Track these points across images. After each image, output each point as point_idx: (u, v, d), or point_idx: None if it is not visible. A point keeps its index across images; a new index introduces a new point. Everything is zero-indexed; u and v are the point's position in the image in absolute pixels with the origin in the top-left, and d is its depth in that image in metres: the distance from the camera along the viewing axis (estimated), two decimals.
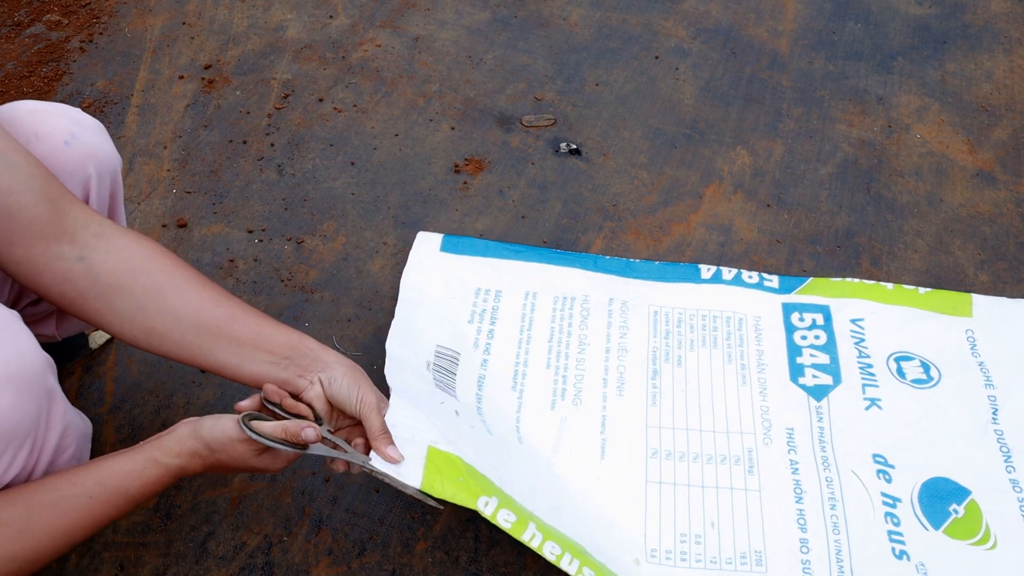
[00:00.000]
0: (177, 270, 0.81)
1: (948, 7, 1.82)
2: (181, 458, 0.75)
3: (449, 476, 0.82)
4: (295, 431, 0.77)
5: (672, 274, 1.25)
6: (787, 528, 0.96)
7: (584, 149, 1.48)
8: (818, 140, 1.52)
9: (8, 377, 0.68)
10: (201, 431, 0.76)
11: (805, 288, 1.23)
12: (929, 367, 1.12)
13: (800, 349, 1.14)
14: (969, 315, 1.19)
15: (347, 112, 1.53)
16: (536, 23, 1.74)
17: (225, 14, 1.72)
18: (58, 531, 0.70)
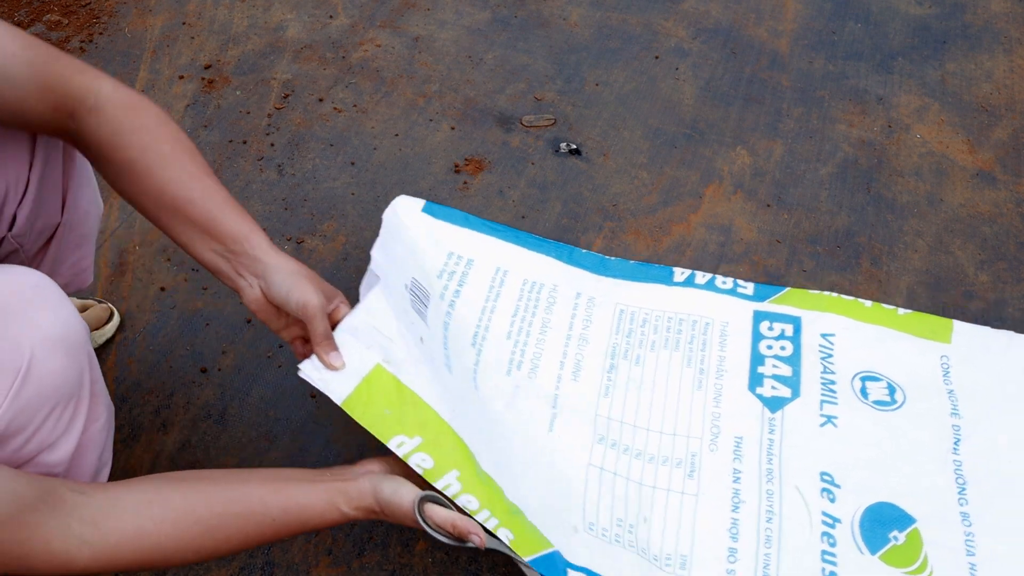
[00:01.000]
0: (158, 143, 0.81)
1: (948, 7, 1.82)
2: (359, 512, 0.78)
3: (376, 403, 0.80)
4: (463, 531, 0.77)
5: (645, 275, 1.24)
6: (718, 536, 0.95)
7: (584, 149, 1.48)
8: (818, 140, 1.52)
9: (59, 339, 0.73)
10: (381, 493, 0.78)
11: (780, 298, 1.21)
12: (895, 389, 1.10)
13: (763, 359, 1.13)
14: (947, 341, 1.16)
15: (347, 112, 1.53)
16: (536, 23, 1.74)
17: (225, 14, 1.72)
18: (238, 540, 0.75)
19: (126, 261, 1.27)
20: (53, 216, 0.94)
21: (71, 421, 0.79)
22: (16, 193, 0.87)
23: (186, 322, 1.20)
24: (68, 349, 0.75)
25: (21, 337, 0.72)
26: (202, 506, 0.73)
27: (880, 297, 1.27)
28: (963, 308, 1.27)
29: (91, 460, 0.87)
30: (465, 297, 1.14)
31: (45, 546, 0.65)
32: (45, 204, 0.92)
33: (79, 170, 0.96)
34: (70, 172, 0.94)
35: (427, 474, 0.79)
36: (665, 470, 1.01)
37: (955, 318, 1.25)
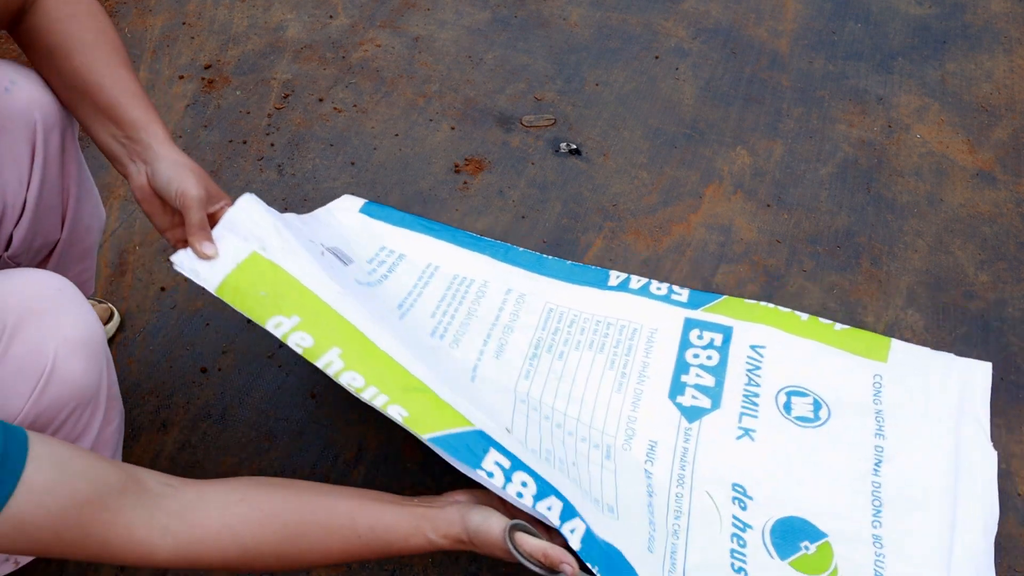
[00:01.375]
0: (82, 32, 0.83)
1: (948, 7, 1.82)
2: (447, 540, 0.77)
3: (251, 288, 0.78)
4: (555, 560, 0.76)
5: (580, 277, 1.23)
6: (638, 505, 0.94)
7: (584, 149, 1.48)
8: (818, 140, 1.52)
9: (81, 342, 0.75)
10: (469, 524, 0.77)
11: (714, 306, 1.19)
12: (821, 406, 1.08)
13: (688, 367, 1.11)
14: (883, 360, 1.14)
15: (347, 112, 1.53)
16: (536, 23, 1.74)
17: (225, 14, 1.72)
18: (320, 552, 0.74)
19: (126, 261, 1.27)
20: (52, 233, 0.94)
21: (88, 423, 0.80)
22: (13, 213, 0.87)
23: (186, 322, 1.20)
24: (89, 352, 0.76)
25: (45, 340, 0.73)
26: (289, 511, 0.72)
27: (881, 297, 1.27)
28: (963, 308, 1.27)
29: None
30: (391, 280, 1.10)
31: (128, 532, 0.64)
32: (43, 222, 0.91)
33: (80, 185, 0.95)
34: (70, 188, 0.94)
35: (307, 353, 0.76)
36: (584, 446, 0.99)
37: (955, 318, 1.26)
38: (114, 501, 0.64)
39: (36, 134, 0.87)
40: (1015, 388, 1.18)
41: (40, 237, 0.93)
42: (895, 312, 1.26)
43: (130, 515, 0.65)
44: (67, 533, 0.62)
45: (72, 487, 0.62)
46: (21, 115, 0.84)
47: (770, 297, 1.27)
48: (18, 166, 0.85)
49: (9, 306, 0.74)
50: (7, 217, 0.87)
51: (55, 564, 0.95)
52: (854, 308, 1.26)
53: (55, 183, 0.91)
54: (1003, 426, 1.13)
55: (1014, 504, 1.06)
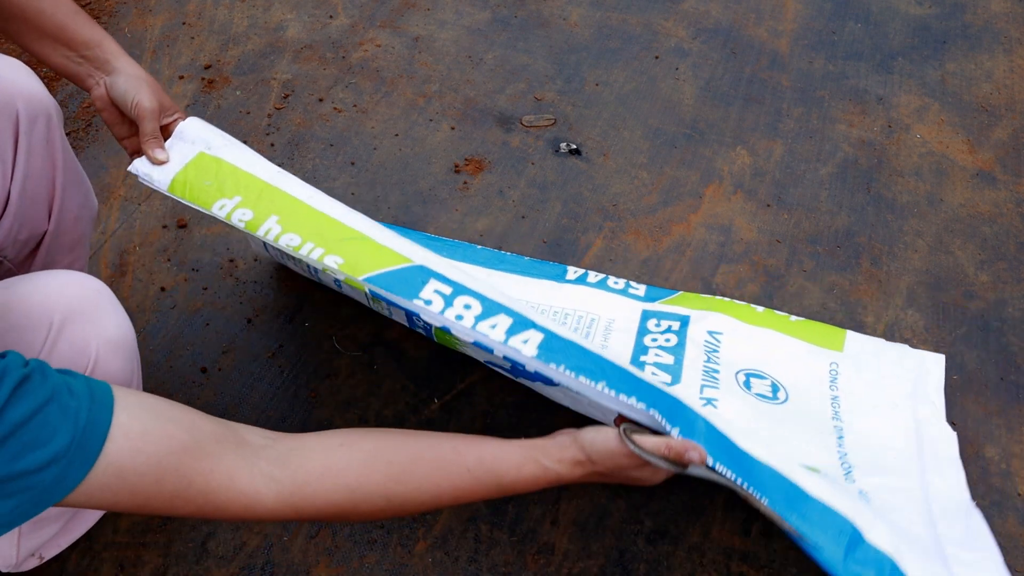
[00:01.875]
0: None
1: (948, 7, 1.82)
2: (562, 465, 0.74)
3: (197, 180, 0.85)
4: (680, 450, 0.74)
5: (538, 271, 1.23)
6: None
7: (584, 149, 1.48)
8: (818, 140, 1.52)
9: (119, 343, 0.78)
10: (583, 440, 0.74)
11: (671, 299, 1.20)
12: (779, 388, 1.08)
13: (646, 349, 1.11)
14: (839, 349, 1.15)
15: (347, 112, 1.53)
16: (536, 23, 1.74)
17: (225, 14, 1.72)
18: (430, 489, 0.70)
19: (126, 261, 1.27)
20: (39, 225, 0.94)
21: None
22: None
23: (186, 322, 1.20)
24: (126, 353, 0.80)
25: (88, 340, 0.77)
26: (392, 450, 0.70)
27: (881, 297, 1.27)
28: (963, 308, 1.27)
29: None
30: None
31: (230, 481, 0.62)
32: (29, 214, 0.91)
33: (68, 175, 0.95)
34: (56, 178, 0.94)
35: (248, 225, 0.82)
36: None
37: (955, 318, 1.26)
38: (213, 448, 0.62)
39: (19, 125, 0.87)
40: (1015, 388, 1.18)
41: (26, 229, 0.92)
42: (895, 312, 1.26)
43: (231, 464, 0.63)
44: (168, 481, 0.60)
45: (167, 432, 0.60)
46: (2, 107, 0.85)
47: (770, 297, 1.27)
48: (0, 158, 0.86)
49: (56, 305, 0.77)
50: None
51: (55, 563, 0.95)
52: (854, 308, 1.26)
53: (41, 174, 0.91)
54: (1003, 426, 1.13)
55: (1014, 504, 1.06)
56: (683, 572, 0.99)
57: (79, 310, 0.77)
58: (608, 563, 0.99)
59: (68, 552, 0.95)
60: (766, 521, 1.03)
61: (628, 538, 1.01)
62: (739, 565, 1.00)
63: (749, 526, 1.03)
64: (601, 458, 0.74)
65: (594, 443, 0.74)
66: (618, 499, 1.05)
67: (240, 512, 0.64)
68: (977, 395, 1.17)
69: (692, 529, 1.02)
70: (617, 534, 1.02)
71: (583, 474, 0.75)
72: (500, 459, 0.73)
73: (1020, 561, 1.01)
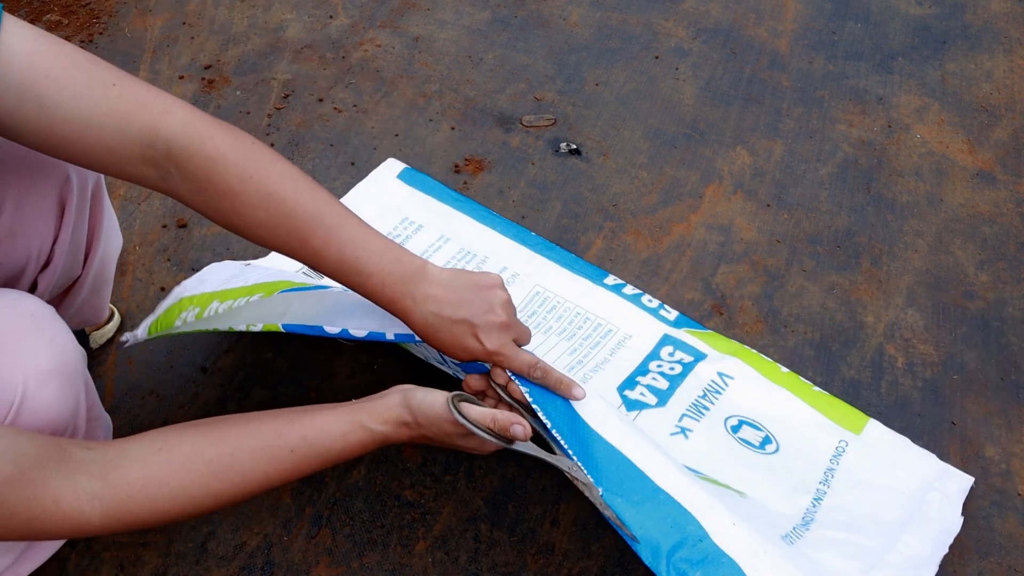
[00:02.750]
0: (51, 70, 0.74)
1: (948, 7, 1.82)
2: (388, 425, 0.74)
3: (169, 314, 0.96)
4: (504, 424, 0.73)
5: (580, 268, 1.24)
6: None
7: (584, 149, 1.48)
8: (818, 140, 1.52)
9: (53, 371, 0.72)
10: (411, 401, 0.74)
11: (698, 332, 1.16)
12: (770, 441, 1.04)
13: (647, 372, 1.09)
14: (856, 432, 1.06)
15: (347, 112, 1.53)
16: (536, 23, 1.74)
17: (225, 14, 1.72)
18: (256, 478, 0.71)
19: (126, 261, 1.27)
20: (74, 271, 0.95)
21: None
22: (39, 260, 0.87)
23: None
24: (63, 380, 0.73)
25: (14, 371, 0.71)
26: (212, 448, 0.70)
27: (881, 297, 1.27)
28: (963, 308, 1.27)
29: None
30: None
31: (55, 505, 0.62)
32: (67, 265, 0.92)
33: (106, 223, 0.96)
34: (95, 230, 0.94)
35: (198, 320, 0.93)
36: None
37: (955, 318, 1.26)
38: (35, 474, 0.62)
39: (68, 190, 0.86)
40: (1015, 388, 1.18)
41: (64, 278, 0.93)
42: (895, 312, 1.26)
43: (54, 487, 0.62)
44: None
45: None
46: (52, 172, 0.84)
47: (770, 297, 1.27)
48: (45, 219, 0.85)
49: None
50: (31, 264, 0.87)
51: (55, 563, 0.95)
52: (854, 308, 1.26)
53: (82, 229, 0.91)
54: (1003, 426, 1.13)
55: (1014, 504, 1.06)
56: None
57: (5, 338, 0.71)
58: (608, 563, 0.99)
59: (68, 552, 0.95)
60: None
61: None
62: None
63: None
64: (427, 421, 0.74)
65: (422, 406, 0.74)
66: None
67: (68, 533, 0.64)
68: (977, 395, 1.17)
69: None
70: (617, 534, 1.01)
71: (410, 435, 0.75)
72: (324, 432, 0.73)
73: (1020, 561, 1.01)
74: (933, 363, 1.20)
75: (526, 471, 1.06)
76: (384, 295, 0.75)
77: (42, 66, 0.66)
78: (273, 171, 0.73)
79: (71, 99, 0.67)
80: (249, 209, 0.73)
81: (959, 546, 1.01)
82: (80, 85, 0.68)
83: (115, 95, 0.69)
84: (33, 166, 0.82)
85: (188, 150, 0.70)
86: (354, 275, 0.75)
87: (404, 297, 0.75)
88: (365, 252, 0.75)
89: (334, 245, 0.74)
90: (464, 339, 0.75)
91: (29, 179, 0.82)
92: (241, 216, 0.73)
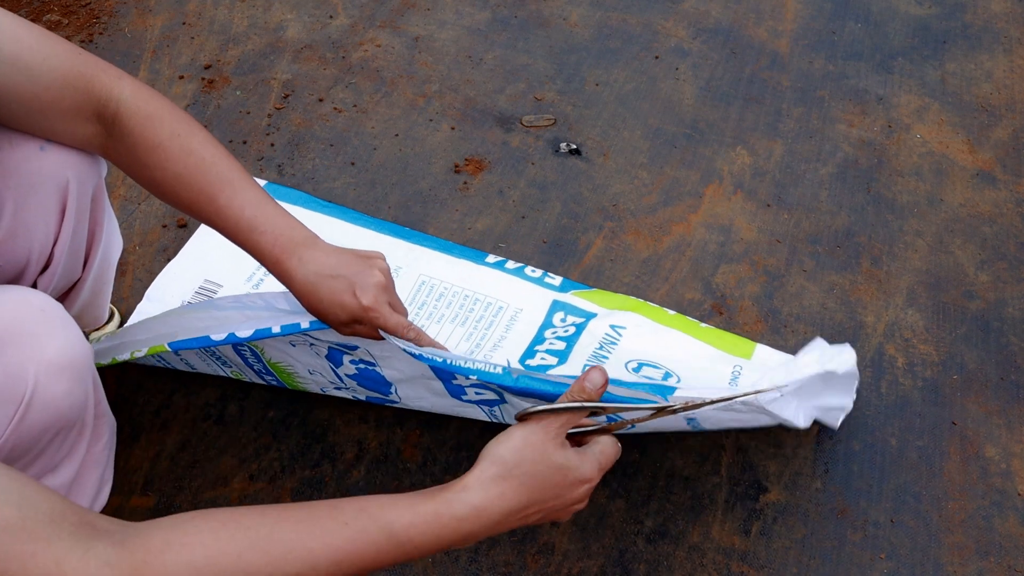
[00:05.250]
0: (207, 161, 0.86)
1: (948, 7, 1.82)
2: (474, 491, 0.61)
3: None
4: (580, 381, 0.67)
5: (460, 252, 1.25)
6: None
7: (584, 149, 1.48)
8: (818, 140, 1.52)
9: (63, 365, 0.73)
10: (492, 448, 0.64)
11: (584, 293, 1.18)
12: (671, 376, 1.05)
13: (544, 340, 1.12)
14: (748, 357, 1.11)
15: (347, 112, 1.53)
16: (536, 23, 1.74)
17: (225, 14, 1.72)
18: (301, 555, 0.57)
19: (126, 261, 1.27)
20: (74, 274, 0.95)
21: (75, 444, 0.79)
22: (38, 263, 0.88)
23: None
24: (73, 375, 0.74)
25: (25, 365, 0.71)
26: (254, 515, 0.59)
27: (881, 297, 1.27)
28: (963, 308, 1.27)
29: (93, 479, 0.88)
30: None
31: (56, 567, 0.52)
32: (67, 267, 0.92)
33: (106, 226, 0.97)
34: (96, 233, 0.95)
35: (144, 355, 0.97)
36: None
37: (955, 318, 1.26)
38: (43, 530, 0.53)
39: (68, 192, 0.87)
40: (1015, 388, 1.18)
41: (63, 280, 0.94)
42: (895, 312, 1.26)
43: (61, 548, 0.53)
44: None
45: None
46: (52, 175, 0.84)
47: (770, 297, 1.27)
48: (45, 222, 0.86)
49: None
50: (32, 266, 0.88)
51: None
52: (854, 308, 1.26)
53: (83, 233, 0.92)
54: (1003, 426, 1.13)
55: (1014, 504, 1.06)
56: (683, 572, 0.99)
57: (16, 332, 0.72)
58: (608, 563, 0.99)
59: None
60: (766, 521, 1.03)
61: (628, 538, 1.01)
62: (739, 565, 1.00)
63: (749, 526, 1.03)
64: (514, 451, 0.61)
65: (502, 441, 0.63)
66: (618, 499, 1.05)
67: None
68: (977, 395, 1.17)
69: (692, 529, 1.02)
70: (617, 534, 1.02)
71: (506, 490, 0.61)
72: (388, 505, 0.60)
73: (1020, 561, 1.01)
74: (933, 363, 1.20)
75: None
76: (272, 253, 0.81)
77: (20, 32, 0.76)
78: (197, 135, 0.83)
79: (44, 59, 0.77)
80: (172, 163, 0.81)
81: (959, 546, 1.02)
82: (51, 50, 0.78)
83: (81, 60, 0.80)
84: (34, 169, 0.82)
85: (132, 109, 0.81)
86: (247, 232, 0.81)
87: (291, 257, 0.80)
88: (263, 214, 0.82)
89: (236, 204, 0.81)
90: (341, 295, 0.79)
91: (30, 182, 0.82)
92: (163, 170, 0.81)
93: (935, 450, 1.10)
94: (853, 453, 1.10)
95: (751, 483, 1.07)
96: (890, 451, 1.10)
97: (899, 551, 1.01)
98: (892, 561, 1.01)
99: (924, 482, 1.08)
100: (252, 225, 0.81)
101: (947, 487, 1.07)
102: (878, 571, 1.00)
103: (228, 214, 0.81)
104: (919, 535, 1.03)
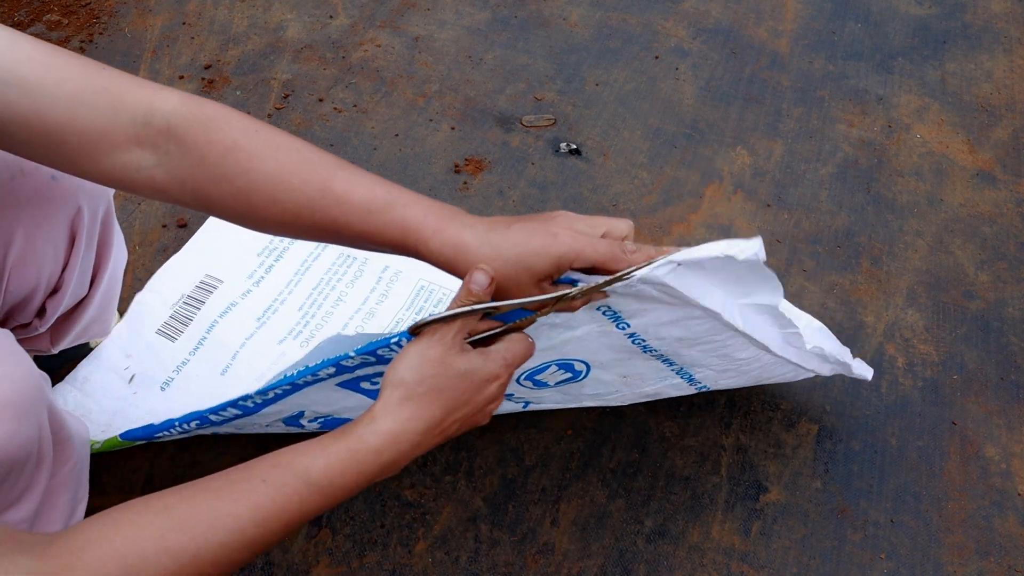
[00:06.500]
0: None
1: (948, 7, 1.82)
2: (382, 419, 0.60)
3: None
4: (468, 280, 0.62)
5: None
6: None
7: (584, 149, 1.48)
8: (818, 140, 1.52)
9: (6, 404, 0.65)
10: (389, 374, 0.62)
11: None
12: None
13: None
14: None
15: (347, 112, 1.53)
16: (536, 23, 1.74)
17: (225, 14, 1.72)
18: (226, 523, 0.56)
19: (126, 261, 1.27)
20: (81, 293, 0.95)
21: (33, 477, 0.74)
22: (48, 288, 0.88)
23: None
24: (16, 413, 0.66)
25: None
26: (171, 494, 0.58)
27: (881, 297, 1.27)
28: (963, 308, 1.27)
29: (63, 502, 0.83)
30: (276, 272, 1.21)
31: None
32: (74, 289, 0.92)
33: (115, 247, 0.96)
34: (104, 254, 0.94)
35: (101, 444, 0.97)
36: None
37: (955, 318, 1.26)
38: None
39: (80, 220, 0.86)
40: (1015, 388, 1.18)
41: (71, 299, 0.94)
42: (895, 312, 1.26)
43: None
44: None
45: None
46: (64, 203, 0.84)
47: None
48: (55, 248, 0.86)
49: None
50: (40, 291, 0.87)
51: None
52: (854, 308, 1.26)
53: (91, 256, 0.92)
54: (1003, 426, 1.13)
55: (1014, 504, 1.06)
56: (683, 572, 0.99)
57: None
58: (608, 563, 0.99)
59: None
60: (766, 521, 1.03)
61: (628, 538, 1.01)
62: (739, 565, 1.00)
63: (749, 526, 1.03)
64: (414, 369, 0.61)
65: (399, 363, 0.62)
66: (618, 499, 1.05)
67: None
68: (977, 395, 1.17)
69: (692, 529, 1.02)
70: (617, 534, 1.02)
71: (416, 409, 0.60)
72: (301, 452, 0.59)
73: (1020, 561, 1.01)
74: (933, 363, 1.20)
75: (526, 471, 1.06)
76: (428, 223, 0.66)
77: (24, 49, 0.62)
78: (272, 128, 0.69)
79: (57, 82, 0.62)
80: (258, 161, 0.65)
81: (959, 546, 1.02)
82: (65, 67, 0.63)
83: (106, 76, 0.65)
84: (44, 197, 0.82)
85: (187, 118, 0.65)
86: (385, 211, 0.66)
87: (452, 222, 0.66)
88: (395, 189, 0.67)
89: (362, 184, 0.68)
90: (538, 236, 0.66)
91: (41, 210, 0.82)
92: (248, 173, 0.65)
93: (935, 450, 1.10)
94: (853, 453, 1.10)
95: (751, 483, 1.07)
96: (890, 451, 1.10)
97: (899, 551, 1.01)
98: (892, 561, 1.01)
99: (924, 482, 1.08)
100: (389, 201, 0.67)
101: (947, 487, 1.07)
102: (878, 571, 1.00)
103: (353, 197, 0.68)
104: (919, 535, 1.03)
